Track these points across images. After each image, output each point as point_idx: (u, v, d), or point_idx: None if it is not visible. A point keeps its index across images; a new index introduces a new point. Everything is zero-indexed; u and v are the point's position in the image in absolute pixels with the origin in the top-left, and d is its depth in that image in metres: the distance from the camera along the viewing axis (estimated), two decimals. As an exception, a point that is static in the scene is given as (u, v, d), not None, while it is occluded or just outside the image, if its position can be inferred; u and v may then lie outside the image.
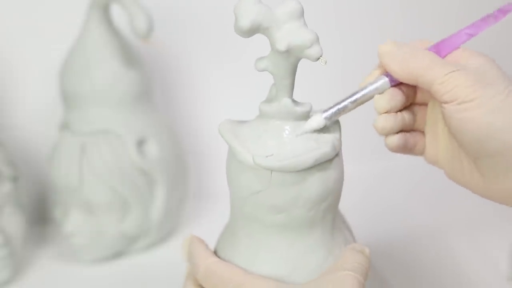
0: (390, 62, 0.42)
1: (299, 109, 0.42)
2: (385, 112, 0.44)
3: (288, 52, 0.40)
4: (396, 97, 0.44)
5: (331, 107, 0.43)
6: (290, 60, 0.41)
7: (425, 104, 0.47)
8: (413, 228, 0.72)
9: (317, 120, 0.42)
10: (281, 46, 0.39)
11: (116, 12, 0.68)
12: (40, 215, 0.76)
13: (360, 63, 0.85)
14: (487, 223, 0.72)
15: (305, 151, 0.41)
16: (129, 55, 0.67)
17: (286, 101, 0.42)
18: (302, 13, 0.40)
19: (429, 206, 0.77)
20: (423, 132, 0.47)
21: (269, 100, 0.43)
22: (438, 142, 0.46)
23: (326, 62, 0.40)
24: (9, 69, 0.74)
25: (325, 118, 0.42)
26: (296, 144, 0.41)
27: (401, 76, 0.42)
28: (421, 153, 0.48)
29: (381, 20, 0.85)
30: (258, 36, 0.80)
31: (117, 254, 0.69)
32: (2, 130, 0.73)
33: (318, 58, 0.40)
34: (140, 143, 0.67)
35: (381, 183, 0.83)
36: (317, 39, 0.39)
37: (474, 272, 0.64)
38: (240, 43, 0.81)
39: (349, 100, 0.43)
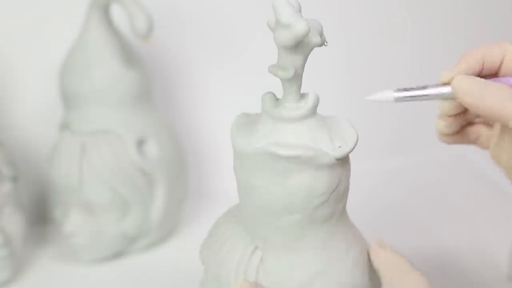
0: (466, 98, 0.41)
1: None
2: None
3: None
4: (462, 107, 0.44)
5: (403, 90, 0.42)
6: (309, 54, 0.41)
7: None
8: (413, 228, 0.72)
9: (387, 95, 0.42)
10: (317, 39, 0.39)
11: (116, 12, 0.68)
12: (40, 215, 0.76)
13: (364, 60, 0.86)
14: (487, 223, 0.72)
15: (346, 136, 0.42)
16: (129, 55, 0.67)
17: (313, 96, 0.42)
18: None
19: (429, 206, 0.77)
20: (490, 126, 0.46)
21: (287, 103, 0.42)
22: (503, 146, 0.45)
23: (327, 42, 0.41)
24: (9, 69, 0.74)
25: (395, 98, 0.42)
26: (335, 132, 0.42)
27: (478, 111, 0.41)
28: (486, 146, 0.47)
29: (386, 15, 0.85)
30: (256, 36, 0.80)
31: (117, 254, 0.69)
32: (2, 130, 0.73)
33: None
34: (140, 143, 0.67)
35: (383, 182, 0.83)
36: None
37: (474, 272, 0.64)
38: (239, 43, 0.81)
39: (422, 92, 0.42)
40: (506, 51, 0.42)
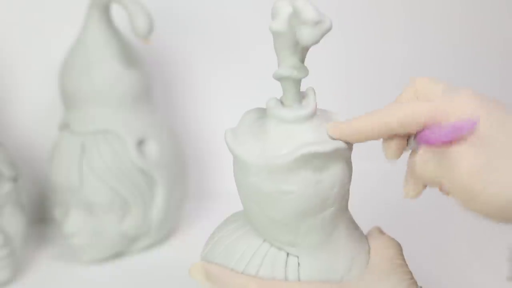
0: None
1: None
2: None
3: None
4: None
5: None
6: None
7: None
8: (413, 228, 0.72)
9: None
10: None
11: (116, 12, 0.68)
12: (40, 215, 0.76)
13: (363, 59, 0.86)
14: (487, 223, 0.72)
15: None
16: (129, 55, 0.67)
17: (313, 91, 0.43)
18: None
19: (429, 206, 0.77)
20: None
21: (293, 104, 0.42)
22: None
23: None
24: (9, 69, 0.74)
25: None
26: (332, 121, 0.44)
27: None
28: None
29: (384, 14, 0.85)
30: (256, 36, 0.80)
31: (117, 254, 0.69)
32: (2, 130, 0.73)
33: None
34: (140, 143, 0.67)
35: (383, 182, 0.83)
36: None
37: (474, 272, 0.64)
38: (239, 43, 0.81)
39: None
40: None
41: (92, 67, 0.65)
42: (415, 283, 0.43)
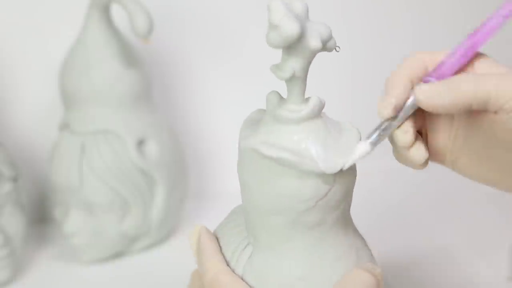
0: (437, 102, 0.40)
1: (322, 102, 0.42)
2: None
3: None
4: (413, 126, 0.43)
5: (372, 132, 0.42)
6: (312, 58, 0.40)
7: None
8: (413, 228, 0.72)
9: (364, 148, 0.41)
10: (317, 43, 0.38)
11: (116, 12, 0.68)
12: (40, 215, 0.76)
13: (368, 63, 0.85)
14: (487, 223, 0.72)
15: (348, 150, 0.41)
16: (129, 55, 0.67)
17: (314, 100, 0.40)
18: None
19: (429, 206, 0.77)
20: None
21: (290, 105, 0.41)
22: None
23: (339, 48, 0.40)
24: (9, 69, 0.74)
25: (371, 143, 0.41)
26: (336, 142, 0.41)
27: (453, 108, 0.40)
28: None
29: (390, 20, 0.85)
30: (256, 36, 0.80)
31: (117, 254, 0.69)
32: (2, 130, 0.73)
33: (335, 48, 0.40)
34: (140, 143, 0.67)
35: (383, 182, 0.83)
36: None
37: (474, 272, 0.64)
38: (239, 42, 0.81)
39: (390, 121, 0.42)
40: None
41: (92, 67, 0.65)
42: None
